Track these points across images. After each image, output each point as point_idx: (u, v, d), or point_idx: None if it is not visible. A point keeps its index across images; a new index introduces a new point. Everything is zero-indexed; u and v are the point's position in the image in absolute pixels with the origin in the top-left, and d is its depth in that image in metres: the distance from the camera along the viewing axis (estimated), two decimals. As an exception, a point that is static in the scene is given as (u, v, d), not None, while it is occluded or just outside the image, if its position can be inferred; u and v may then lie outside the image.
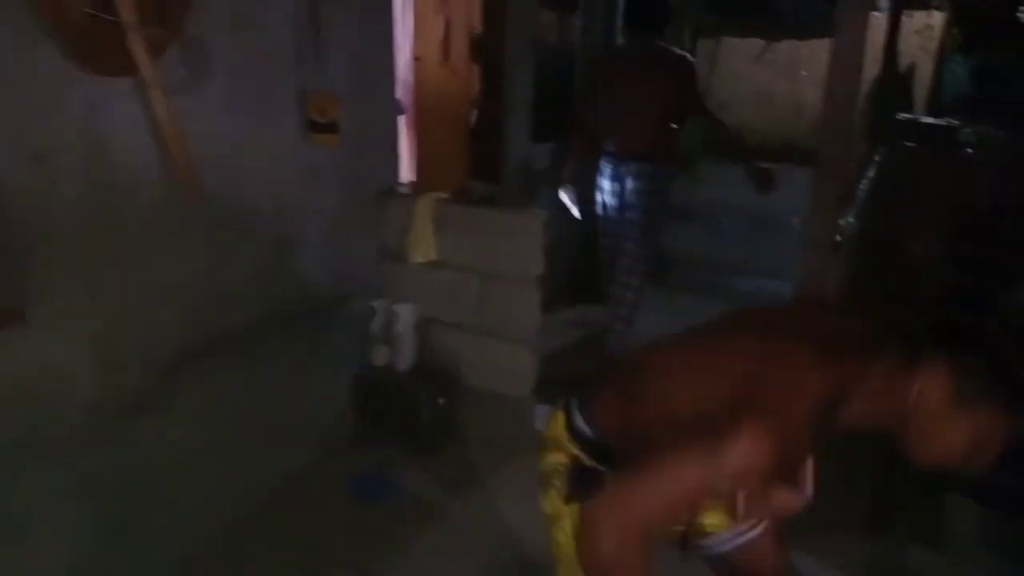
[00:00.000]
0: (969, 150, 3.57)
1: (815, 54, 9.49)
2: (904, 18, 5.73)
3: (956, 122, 4.01)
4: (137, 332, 2.15)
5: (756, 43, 9.72)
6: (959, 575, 2.37)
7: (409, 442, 3.07)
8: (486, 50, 3.85)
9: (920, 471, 2.34)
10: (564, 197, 3.88)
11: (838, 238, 2.27)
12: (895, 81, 4.26)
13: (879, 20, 6.00)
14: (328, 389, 3.02)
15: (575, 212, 3.94)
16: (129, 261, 2.11)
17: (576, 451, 1.42)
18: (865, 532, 2.55)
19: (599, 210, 3.97)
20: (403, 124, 3.88)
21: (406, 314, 3.10)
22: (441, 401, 3.12)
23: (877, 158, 3.68)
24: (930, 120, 4.20)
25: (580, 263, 4.81)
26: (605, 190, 3.87)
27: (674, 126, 3.76)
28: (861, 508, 2.59)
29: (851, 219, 2.45)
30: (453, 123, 4.15)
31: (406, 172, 3.90)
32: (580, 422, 1.42)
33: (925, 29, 7.18)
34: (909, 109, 4.76)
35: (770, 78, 9.64)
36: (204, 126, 2.25)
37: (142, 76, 1.97)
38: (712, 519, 1.50)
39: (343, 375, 3.10)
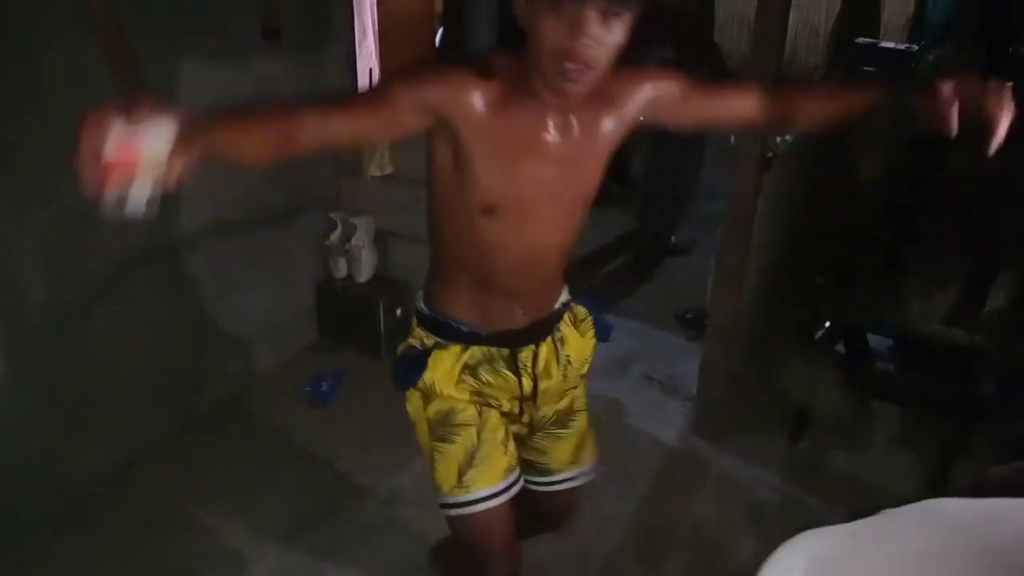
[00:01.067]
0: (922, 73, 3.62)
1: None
2: None
3: (915, 47, 4.05)
4: (85, 235, 2.20)
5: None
6: (878, 474, 2.54)
7: (367, 350, 3.19)
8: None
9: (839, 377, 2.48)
10: None
11: (770, 154, 2.34)
12: (858, 4, 4.24)
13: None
14: (287, 298, 3.10)
15: None
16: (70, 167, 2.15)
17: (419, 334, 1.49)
18: (789, 435, 2.71)
19: None
20: (368, 41, 3.85)
21: (364, 226, 3.18)
22: (399, 311, 3.22)
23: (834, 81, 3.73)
24: (889, 44, 4.23)
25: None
26: None
27: None
28: (786, 413, 2.74)
29: (788, 137, 2.51)
30: (417, 40, 4.11)
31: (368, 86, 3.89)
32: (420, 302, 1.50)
33: None
34: (874, 34, 4.75)
35: (750, 4, 9.52)
36: (149, 30, 2.25)
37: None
38: None
39: (303, 285, 3.19)
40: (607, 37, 1.12)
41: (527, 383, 1.46)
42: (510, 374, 1.45)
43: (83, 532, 2.23)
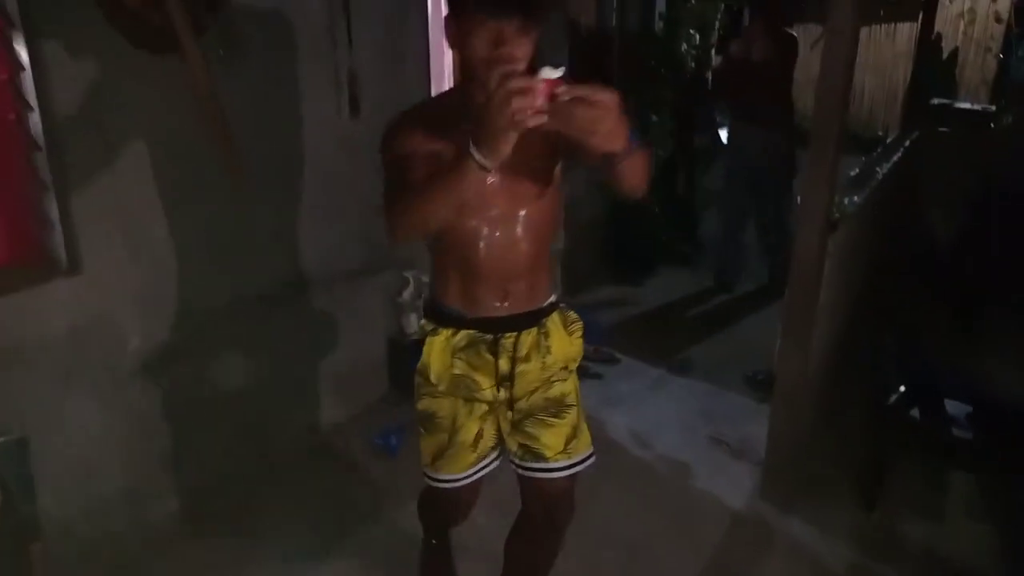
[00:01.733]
0: (1000, 133, 3.57)
1: (872, 41, 9.31)
2: (944, 1, 5.61)
3: (993, 107, 4.00)
4: (177, 286, 2.38)
5: (814, 28, 9.58)
6: (954, 546, 2.44)
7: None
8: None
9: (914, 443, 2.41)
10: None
11: (836, 215, 2.35)
12: (934, 65, 4.22)
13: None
14: (361, 351, 3.22)
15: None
16: (171, 222, 2.34)
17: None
18: (861, 503, 2.63)
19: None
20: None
21: (411, 285, 3.30)
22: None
23: (907, 142, 3.71)
24: (966, 105, 4.18)
25: (612, 243, 4.91)
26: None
27: None
28: (858, 479, 2.67)
29: (856, 198, 2.51)
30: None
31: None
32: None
33: (968, 13, 6.99)
34: (951, 95, 4.69)
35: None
36: (244, 100, 2.45)
37: (186, 53, 2.18)
38: None
39: (376, 339, 3.31)
40: (521, 49, 1.37)
41: (504, 364, 1.66)
42: (489, 356, 1.65)
43: (158, 571, 2.34)
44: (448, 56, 3.98)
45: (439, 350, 1.67)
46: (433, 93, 3.38)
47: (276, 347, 2.79)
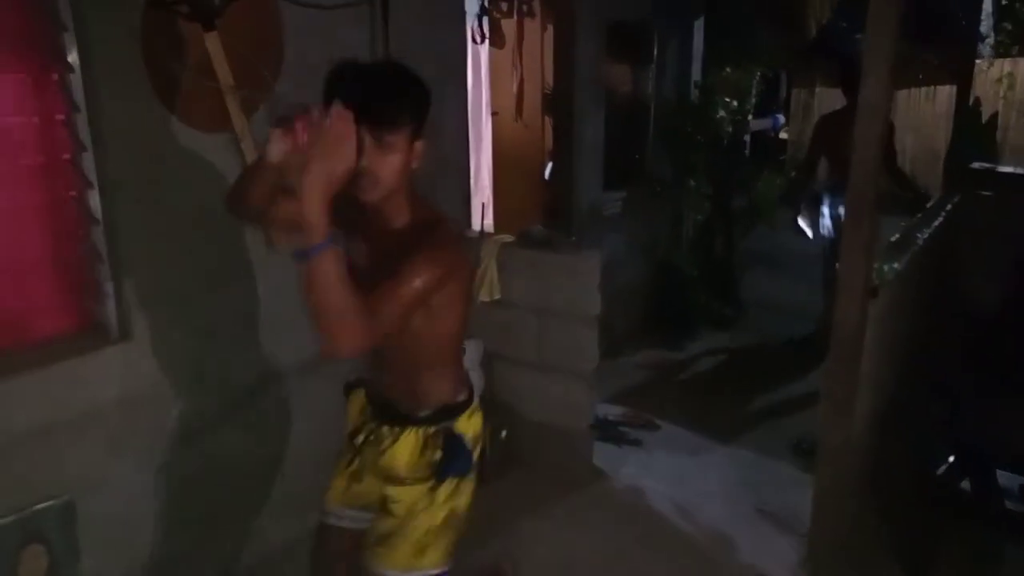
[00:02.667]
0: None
1: (912, 103, 9.30)
2: (983, 66, 5.61)
3: (1035, 170, 3.95)
4: (220, 356, 2.44)
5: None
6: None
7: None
8: (556, 104, 4.08)
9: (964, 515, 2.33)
10: (801, 222, 4.52)
11: (876, 282, 2.33)
12: (974, 129, 4.20)
13: (982, 68, 5.86)
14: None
15: (809, 233, 4.58)
16: (216, 293, 2.41)
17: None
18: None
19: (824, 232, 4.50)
20: (483, 176, 4.14)
21: (471, 349, 3.31)
22: (504, 433, 3.29)
23: (949, 206, 3.67)
24: (1008, 169, 4.13)
25: (652, 307, 4.91)
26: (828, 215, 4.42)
27: None
28: (906, 553, 2.57)
29: (896, 265, 2.49)
30: (527, 174, 4.39)
31: (480, 218, 4.15)
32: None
33: (1007, 77, 6.97)
34: (992, 158, 4.65)
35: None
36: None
37: (236, 131, 2.29)
38: None
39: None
40: (384, 156, 1.48)
41: (369, 456, 1.81)
42: (367, 435, 1.82)
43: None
44: (488, 125, 4.10)
45: (351, 401, 1.94)
46: (471, 166, 3.47)
47: (315, 414, 2.82)
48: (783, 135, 10.93)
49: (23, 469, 2.00)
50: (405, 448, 1.74)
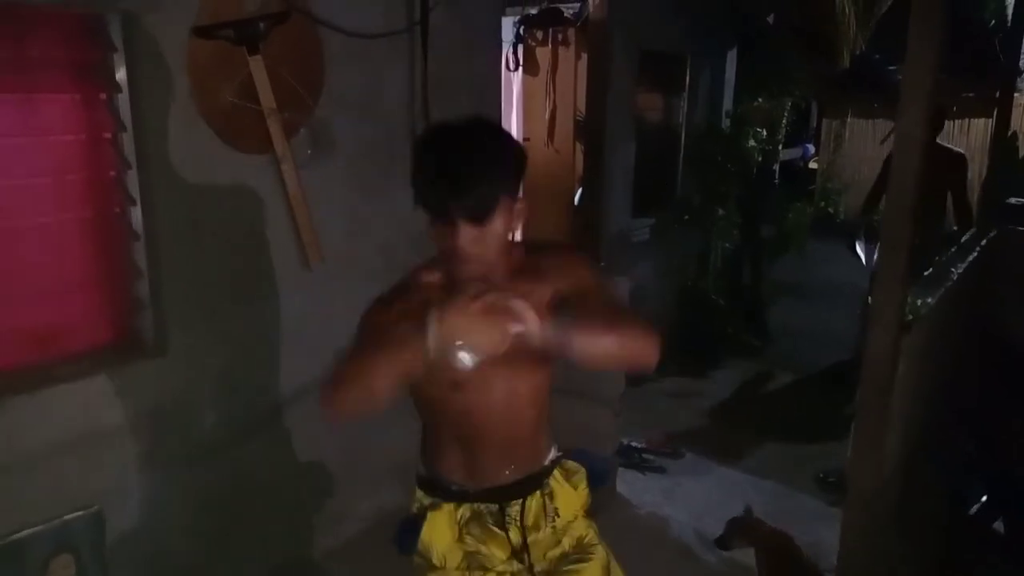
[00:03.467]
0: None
1: (945, 135, 9.21)
2: (1021, 99, 5.55)
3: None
4: (252, 370, 2.47)
5: (883, 124, 9.57)
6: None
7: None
8: (588, 131, 4.11)
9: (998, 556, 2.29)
10: (858, 247, 4.52)
11: (909, 316, 2.30)
12: (1010, 164, 4.15)
13: (1019, 101, 5.81)
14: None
15: (863, 260, 4.55)
16: (252, 308, 2.45)
17: None
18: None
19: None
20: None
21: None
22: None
23: (984, 242, 3.62)
24: (1045, 204, 4.08)
25: (678, 334, 4.89)
26: None
27: None
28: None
29: (930, 299, 2.47)
30: (558, 200, 4.41)
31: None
32: None
33: None
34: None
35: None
36: (327, 196, 2.60)
37: (277, 153, 2.34)
38: None
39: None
40: (483, 235, 1.32)
41: (515, 536, 1.55)
42: (498, 530, 1.54)
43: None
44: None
45: (443, 526, 1.55)
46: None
47: (343, 428, 2.84)
48: (812, 165, 10.88)
49: (55, 479, 2.04)
50: (563, 494, 1.60)
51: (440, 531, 1.55)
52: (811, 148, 11.15)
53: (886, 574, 2.57)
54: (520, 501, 1.55)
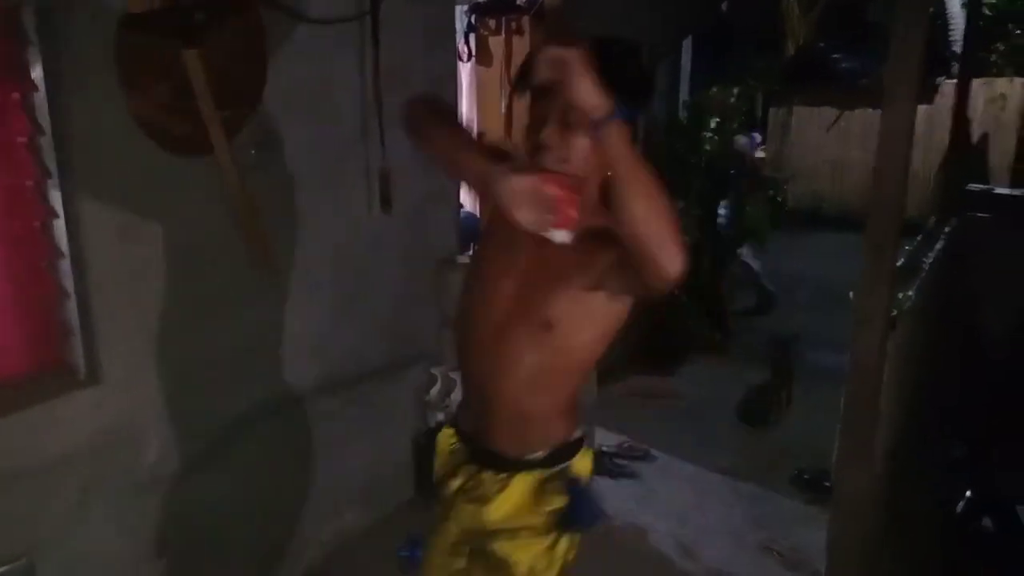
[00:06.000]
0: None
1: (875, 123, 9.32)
2: (978, 86, 5.62)
3: (1032, 192, 3.90)
4: (199, 395, 2.26)
5: (828, 112, 9.65)
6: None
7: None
8: (548, 125, 3.97)
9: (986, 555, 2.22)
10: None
11: (894, 313, 2.22)
12: (967, 151, 4.16)
13: (950, 88, 5.92)
14: (385, 453, 3.07)
15: None
16: (196, 327, 2.24)
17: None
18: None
19: None
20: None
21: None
22: (496, 469, 3.13)
23: (947, 230, 3.60)
24: (1004, 191, 4.09)
25: (648, 333, 4.79)
26: None
27: None
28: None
29: (910, 294, 2.39)
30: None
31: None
32: None
33: (999, 98, 7.03)
34: (983, 179, 4.63)
35: (844, 147, 9.51)
36: (276, 200, 2.39)
37: (218, 155, 2.13)
38: None
39: (402, 440, 3.15)
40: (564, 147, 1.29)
41: (456, 484, 1.54)
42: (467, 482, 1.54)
43: None
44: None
45: (442, 441, 1.63)
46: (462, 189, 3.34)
47: (298, 451, 2.65)
48: (759, 154, 10.95)
49: (-24, 530, 1.82)
50: (514, 496, 1.47)
51: (440, 445, 1.62)
52: (757, 137, 11.22)
53: (875, 579, 2.50)
54: (489, 472, 1.50)
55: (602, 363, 3.08)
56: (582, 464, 1.55)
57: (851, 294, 2.33)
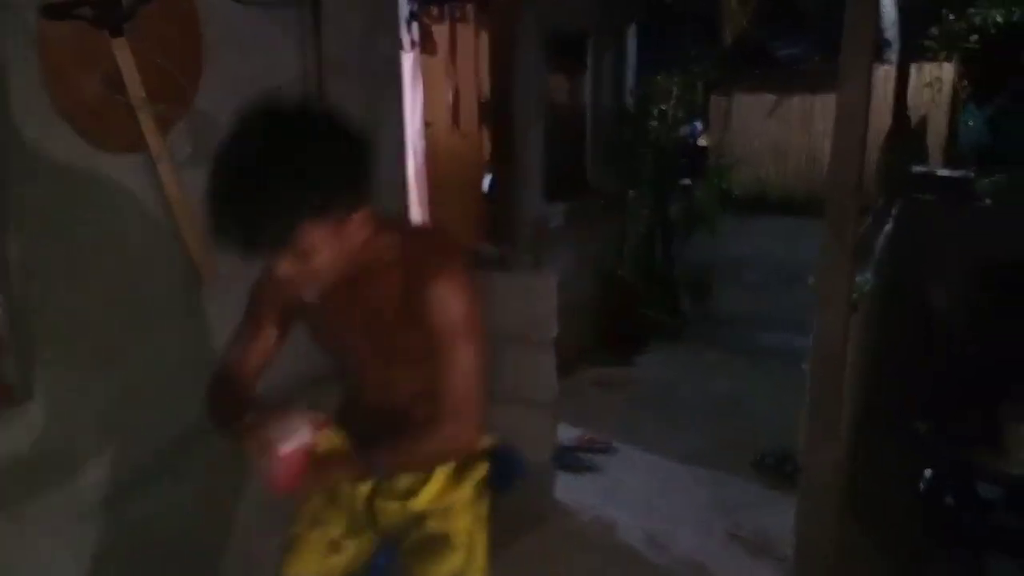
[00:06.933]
0: (987, 200, 3.53)
1: (828, 107, 9.57)
2: (913, 70, 5.77)
3: (972, 173, 3.98)
4: (143, 408, 2.13)
5: (768, 98, 9.82)
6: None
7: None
8: (496, 114, 3.89)
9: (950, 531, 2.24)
10: None
11: (855, 295, 2.22)
12: (907, 133, 4.23)
13: (890, 73, 6.06)
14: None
15: None
16: (137, 337, 2.11)
17: None
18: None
19: None
20: (416, 189, 3.91)
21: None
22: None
23: (894, 212, 3.65)
24: (946, 172, 4.18)
25: (604, 322, 4.77)
26: None
27: None
28: (894, 573, 2.48)
29: (868, 275, 2.40)
30: (465, 187, 4.17)
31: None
32: None
33: (935, 81, 7.24)
34: (923, 161, 4.74)
35: (784, 132, 9.70)
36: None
37: (152, 152, 2.00)
38: None
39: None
40: (302, 261, 1.24)
41: (365, 490, 1.56)
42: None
43: None
44: (421, 136, 3.87)
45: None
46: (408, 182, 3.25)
47: (250, 472, 2.53)
48: (702, 142, 11.07)
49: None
50: (438, 480, 1.53)
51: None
52: (699, 125, 11.35)
53: (843, 561, 2.50)
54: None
55: (561, 354, 3.05)
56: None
57: (810, 279, 2.33)
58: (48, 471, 1.94)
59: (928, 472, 2.48)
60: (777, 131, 9.84)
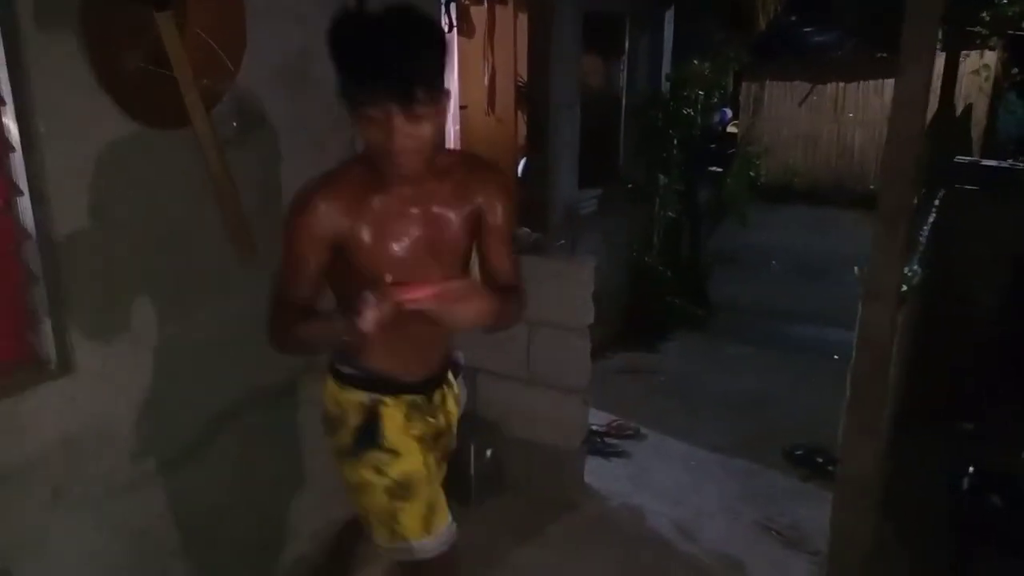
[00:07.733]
0: (1035, 192, 3.45)
1: (861, 96, 9.40)
2: (960, 59, 5.62)
3: (1019, 164, 3.89)
4: (183, 385, 2.13)
5: (801, 86, 9.65)
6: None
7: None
8: (532, 98, 3.84)
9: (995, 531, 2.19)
10: None
11: (904, 288, 2.16)
12: (952, 123, 4.13)
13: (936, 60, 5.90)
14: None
15: None
16: (176, 312, 2.10)
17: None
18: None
19: None
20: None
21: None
22: (489, 452, 3.05)
23: (936, 203, 3.57)
24: (991, 163, 4.08)
25: (632, 309, 4.74)
26: None
27: None
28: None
29: (916, 267, 2.34)
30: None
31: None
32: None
33: (982, 69, 7.06)
34: (967, 151, 4.63)
35: (815, 121, 9.54)
36: (256, 178, 2.25)
37: (195, 128, 1.98)
38: None
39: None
40: (417, 130, 1.35)
41: (442, 420, 1.77)
42: (430, 417, 1.73)
43: None
44: (457, 119, 3.83)
45: (397, 417, 1.67)
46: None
47: (289, 442, 2.53)
48: (731, 129, 10.93)
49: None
50: (454, 391, 1.83)
51: (395, 423, 1.66)
52: (728, 112, 11.19)
53: (881, 565, 2.46)
54: (441, 390, 1.75)
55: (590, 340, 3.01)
56: None
57: (855, 269, 2.28)
58: (86, 445, 1.95)
59: (972, 471, 2.42)
60: (807, 120, 9.68)
